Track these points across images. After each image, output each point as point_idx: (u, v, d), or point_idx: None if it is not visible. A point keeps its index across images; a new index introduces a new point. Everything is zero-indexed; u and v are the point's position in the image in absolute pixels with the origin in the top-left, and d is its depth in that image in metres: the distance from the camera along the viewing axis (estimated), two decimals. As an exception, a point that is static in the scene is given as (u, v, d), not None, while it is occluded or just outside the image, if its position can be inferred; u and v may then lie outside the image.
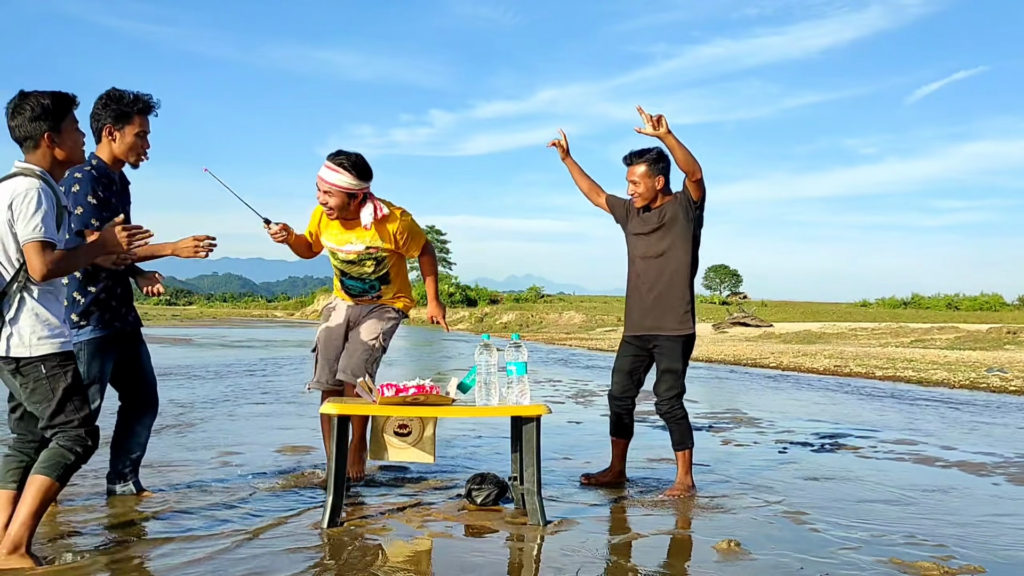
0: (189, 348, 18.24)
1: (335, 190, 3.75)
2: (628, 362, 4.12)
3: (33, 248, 2.55)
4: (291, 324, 48.63)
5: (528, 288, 69.33)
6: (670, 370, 3.97)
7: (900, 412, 7.77)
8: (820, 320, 40.10)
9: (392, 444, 3.59)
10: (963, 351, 18.60)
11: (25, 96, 2.67)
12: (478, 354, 3.40)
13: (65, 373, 2.66)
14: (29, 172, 2.64)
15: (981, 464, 4.93)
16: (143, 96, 3.35)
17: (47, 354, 2.63)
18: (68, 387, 2.66)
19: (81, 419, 2.69)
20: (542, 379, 11.26)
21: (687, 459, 4.00)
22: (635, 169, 3.98)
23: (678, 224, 3.96)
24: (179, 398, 7.91)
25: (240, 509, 3.51)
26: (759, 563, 2.86)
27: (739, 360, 16.28)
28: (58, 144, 2.69)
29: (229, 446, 5.16)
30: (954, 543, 3.15)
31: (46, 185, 2.63)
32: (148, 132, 3.40)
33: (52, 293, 2.70)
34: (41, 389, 2.64)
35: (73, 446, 2.66)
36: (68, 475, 2.67)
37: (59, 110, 2.69)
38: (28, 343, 2.61)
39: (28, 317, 2.62)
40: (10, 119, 2.68)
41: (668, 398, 3.95)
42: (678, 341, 3.97)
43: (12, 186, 2.60)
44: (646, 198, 4.01)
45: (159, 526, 3.19)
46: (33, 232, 2.54)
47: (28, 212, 2.55)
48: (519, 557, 2.96)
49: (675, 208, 3.97)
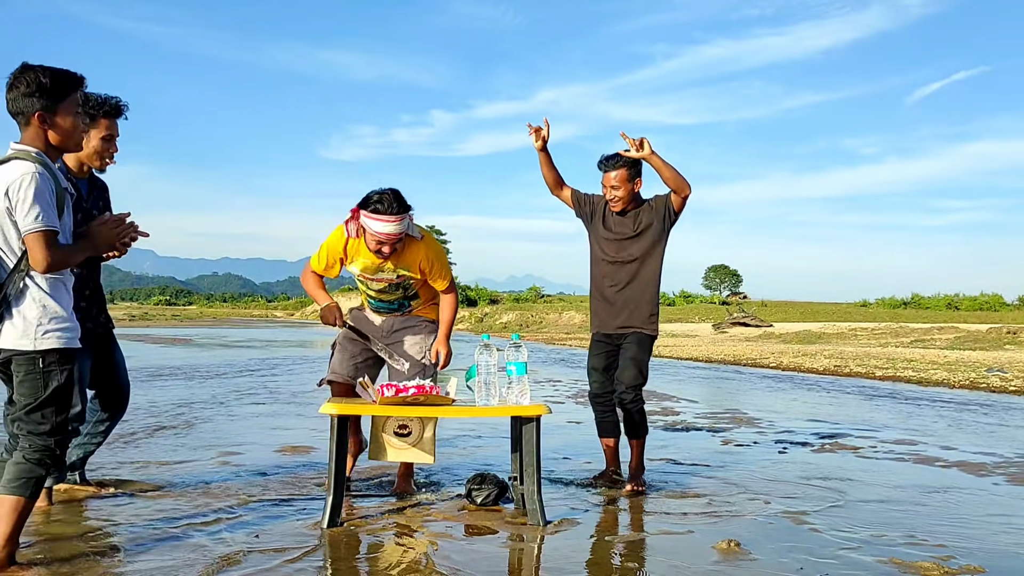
0: (189, 348, 18.23)
1: (390, 240, 3.55)
2: (602, 359, 4.14)
3: (34, 239, 2.42)
4: (291, 324, 48.66)
5: (528, 288, 69.34)
6: (636, 359, 3.98)
7: (900, 412, 7.76)
8: (820, 320, 40.11)
9: (392, 444, 3.59)
10: (963, 351, 18.60)
11: (26, 69, 2.49)
12: (478, 354, 3.40)
13: (61, 371, 2.54)
14: (24, 155, 2.48)
15: (981, 464, 4.93)
16: (110, 99, 3.27)
17: (49, 349, 2.50)
18: (58, 388, 2.53)
19: (55, 425, 2.55)
20: (542, 379, 11.26)
21: (643, 447, 4.10)
22: (614, 174, 3.97)
23: (653, 232, 4.01)
24: (179, 398, 7.90)
25: (240, 509, 3.51)
26: (759, 563, 2.86)
27: (739, 360, 16.28)
28: (50, 126, 2.51)
29: (229, 446, 5.16)
30: (954, 543, 3.15)
31: (43, 168, 2.47)
32: (116, 135, 3.32)
33: (61, 282, 2.58)
34: (31, 383, 2.51)
35: (42, 458, 2.54)
36: (39, 489, 2.57)
37: (58, 89, 2.50)
38: (33, 334, 2.48)
39: (34, 307, 2.49)
40: (7, 91, 2.50)
41: (633, 386, 3.95)
42: (648, 337, 4.05)
43: (7, 172, 2.45)
44: (627, 202, 4.01)
45: (157, 527, 3.19)
46: (35, 222, 2.41)
47: (27, 200, 2.40)
48: (519, 557, 2.96)
49: (651, 216, 4.01)
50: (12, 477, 2.52)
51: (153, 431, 5.75)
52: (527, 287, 70.49)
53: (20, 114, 2.50)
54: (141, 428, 5.79)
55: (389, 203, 3.50)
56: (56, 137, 2.54)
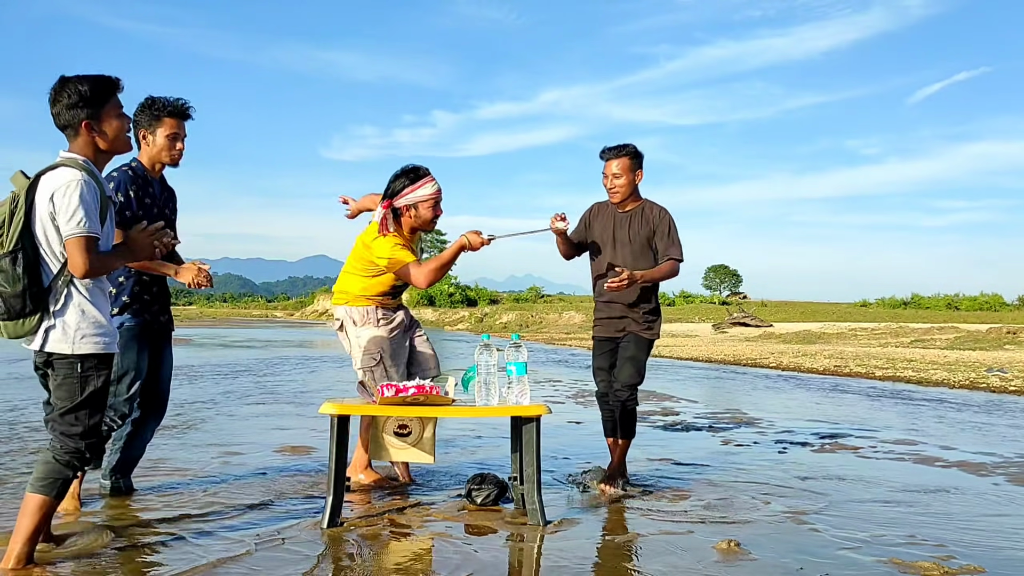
0: (189, 348, 18.23)
1: (441, 196, 3.86)
2: (606, 359, 4.17)
3: (75, 244, 2.46)
4: (291, 324, 48.63)
5: (528, 288, 69.34)
6: (634, 358, 4.02)
7: (900, 412, 7.76)
8: (820, 320, 40.10)
9: (392, 444, 3.59)
10: (963, 351, 18.60)
11: (64, 82, 2.55)
12: (478, 354, 3.40)
13: (98, 376, 2.59)
14: (71, 163, 2.54)
15: (981, 464, 4.93)
16: (175, 100, 3.48)
17: (88, 353, 2.56)
18: (94, 392, 2.59)
19: (87, 429, 2.60)
20: (542, 379, 11.26)
21: (628, 448, 4.13)
22: (617, 162, 4.02)
23: (647, 240, 4.06)
24: (179, 398, 7.90)
25: (240, 509, 3.51)
26: (759, 563, 2.86)
27: (739, 360, 16.28)
28: (98, 132, 2.59)
29: (229, 446, 5.16)
30: (954, 543, 3.15)
31: (89, 176, 2.53)
32: (181, 134, 3.51)
33: (101, 290, 2.63)
34: (68, 386, 2.56)
35: (71, 460, 2.58)
36: (65, 490, 2.61)
37: (99, 96, 2.57)
38: (72, 339, 2.53)
39: (74, 313, 2.54)
40: (51, 106, 2.57)
41: (629, 385, 3.99)
42: (646, 341, 4.08)
43: (54, 178, 2.50)
44: (625, 192, 4.04)
45: (159, 527, 3.19)
46: (76, 227, 2.46)
47: (70, 206, 2.45)
48: (519, 557, 2.96)
49: (647, 227, 4.06)
50: (40, 476, 2.57)
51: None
52: (527, 287, 70.53)
53: (68, 127, 2.58)
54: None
55: (416, 168, 3.79)
56: (104, 142, 2.62)
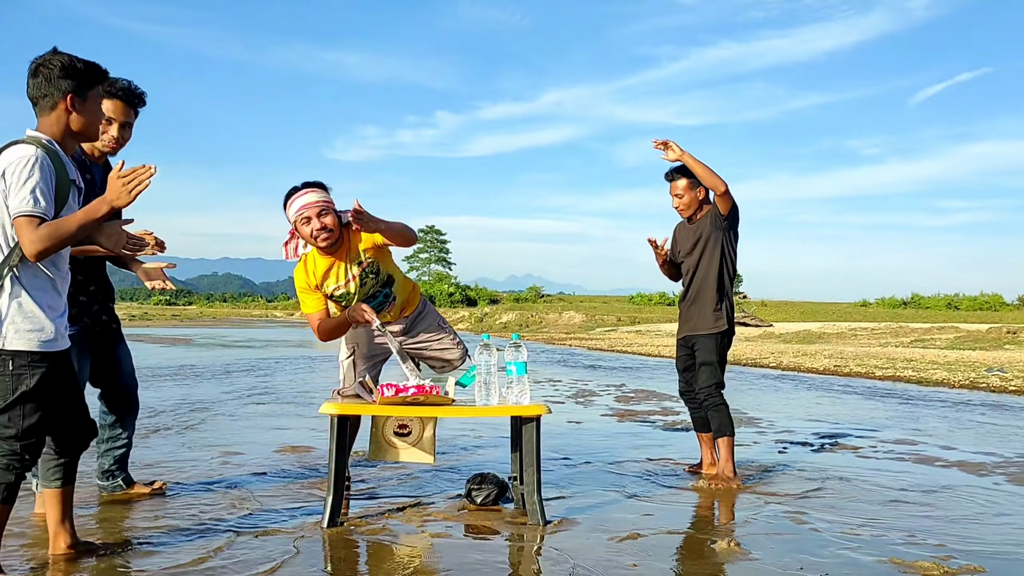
0: (189, 348, 18.23)
1: (316, 206, 3.45)
2: (683, 360, 4.52)
3: (20, 224, 2.28)
4: (291, 324, 48.64)
5: (528, 288, 69.36)
6: (706, 363, 4.33)
7: (900, 412, 7.76)
8: (820, 320, 40.11)
9: (392, 444, 3.59)
10: (963, 351, 18.60)
11: (57, 53, 2.43)
12: (478, 354, 3.40)
13: (32, 375, 2.38)
14: (32, 140, 2.38)
15: (981, 464, 4.92)
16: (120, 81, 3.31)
17: (19, 350, 2.36)
18: (27, 392, 2.38)
19: (22, 430, 2.40)
20: (542, 379, 11.26)
21: (729, 446, 4.25)
22: (677, 183, 4.35)
23: (710, 237, 4.31)
24: (179, 398, 7.91)
25: (240, 509, 3.51)
26: (759, 563, 2.86)
27: (739, 360, 16.27)
28: (78, 110, 2.45)
29: (229, 446, 5.16)
30: (954, 543, 3.15)
31: (48, 155, 2.36)
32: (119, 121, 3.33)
33: (49, 282, 2.44)
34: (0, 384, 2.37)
35: (10, 463, 2.42)
36: (13, 494, 2.47)
37: (90, 77, 2.48)
38: (3, 334, 2.35)
39: (10, 305, 2.36)
40: (32, 75, 2.43)
41: (706, 386, 4.31)
42: (712, 338, 4.31)
43: (7, 155, 2.34)
44: (691, 208, 4.38)
45: (158, 527, 3.19)
46: (21, 205, 2.27)
47: (19, 182, 2.28)
48: (519, 557, 2.96)
49: (707, 223, 4.32)
50: None
51: (153, 431, 5.75)
52: (527, 287, 70.51)
53: (46, 97, 2.43)
54: (141, 428, 5.76)
55: (294, 188, 3.53)
56: (79, 122, 2.48)
